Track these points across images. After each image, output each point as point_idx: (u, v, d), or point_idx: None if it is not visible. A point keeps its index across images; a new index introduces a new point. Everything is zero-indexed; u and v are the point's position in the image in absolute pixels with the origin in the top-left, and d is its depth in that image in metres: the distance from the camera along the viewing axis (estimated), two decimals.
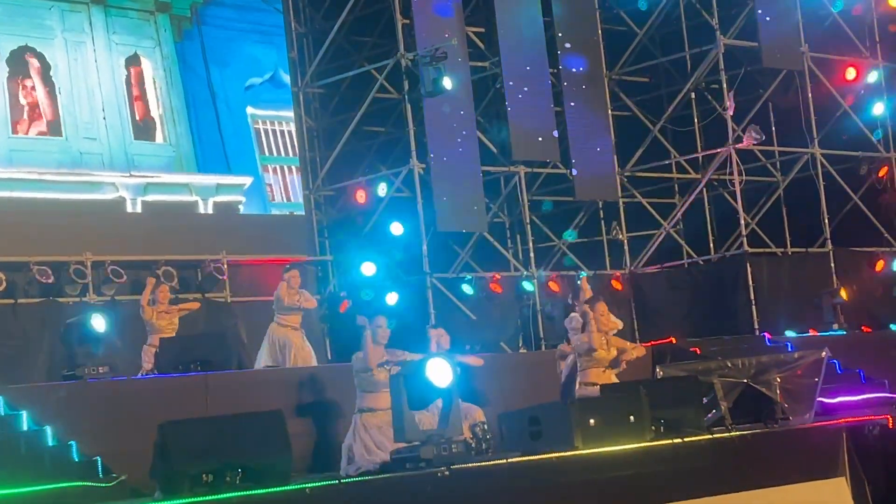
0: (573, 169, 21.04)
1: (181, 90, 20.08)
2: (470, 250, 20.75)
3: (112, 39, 19.52)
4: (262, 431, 9.58)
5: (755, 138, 20.66)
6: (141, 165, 19.32)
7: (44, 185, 18.20)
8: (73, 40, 19.10)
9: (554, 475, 10.08)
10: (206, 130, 20.22)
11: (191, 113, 20.10)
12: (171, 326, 15.88)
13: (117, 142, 19.21)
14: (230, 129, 20.53)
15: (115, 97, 19.35)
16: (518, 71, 20.54)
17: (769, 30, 21.18)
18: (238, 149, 20.51)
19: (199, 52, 20.51)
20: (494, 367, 15.40)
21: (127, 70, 19.58)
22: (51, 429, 11.88)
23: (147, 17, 20.07)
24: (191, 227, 18.94)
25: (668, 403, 11.35)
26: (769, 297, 20.71)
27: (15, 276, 17.33)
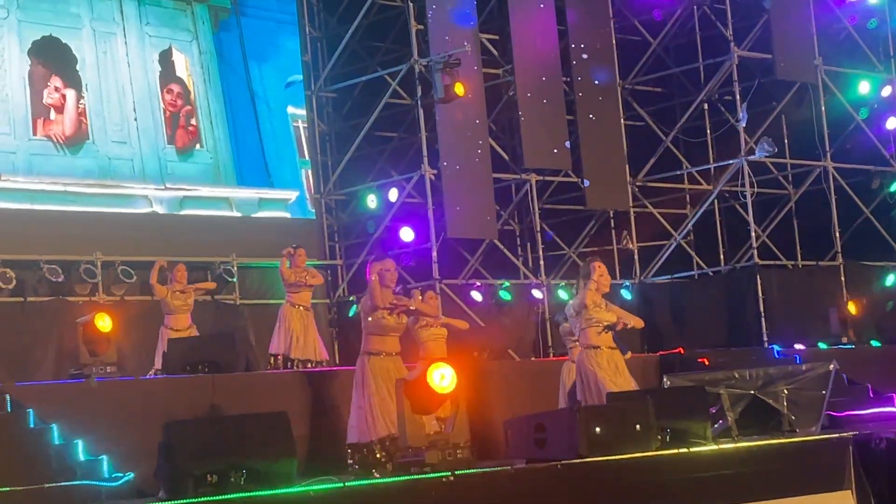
0: (585, 180, 21.03)
1: (220, 89, 19.85)
2: (480, 257, 20.75)
3: (145, 31, 19.18)
4: (267, 432, 9.57)
5: (767, 150, 20.64)
6: (175, 174, 19.00)
7: (68, 198, 18.04)
8: (102, 31, 18.71)
9: (559, 482, 10.05)
10: (245, 134, 19.91)
11: (229, 114, 19.89)
12: (185, 306, 15.94)
13: (149, 147, 18.87)
14: (270, 132, 20.35)
15: (147, 96, 19.10)
16: (531, 79, 20.56)
17: (783, 42, 21.18)
18: (279, 154, 20.39)
19: (237, 46, 20.20)
20: (502, 374, 15.41)
21: (161, 65, 19.30)
22: (57, 427, 11.87)
23: (183, 6, 19.63)
24: (201, 229, 18.94)
25: (674, 413, 11.32)
26: (779, 310, 20.70)
27: (25, 274, 17.39)
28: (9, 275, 17.16)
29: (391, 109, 20.89)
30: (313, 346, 16.09)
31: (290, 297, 16.30)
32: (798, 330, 20.18)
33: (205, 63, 19.74)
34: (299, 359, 15.87)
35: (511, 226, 22.38)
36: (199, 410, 12.71)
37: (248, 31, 20.26)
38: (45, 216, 17.88)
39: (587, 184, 21.03)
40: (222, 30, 19.99)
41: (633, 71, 22.57)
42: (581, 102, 21.31)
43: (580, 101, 21.30)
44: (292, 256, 16.36)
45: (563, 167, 21.08)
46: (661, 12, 22.39)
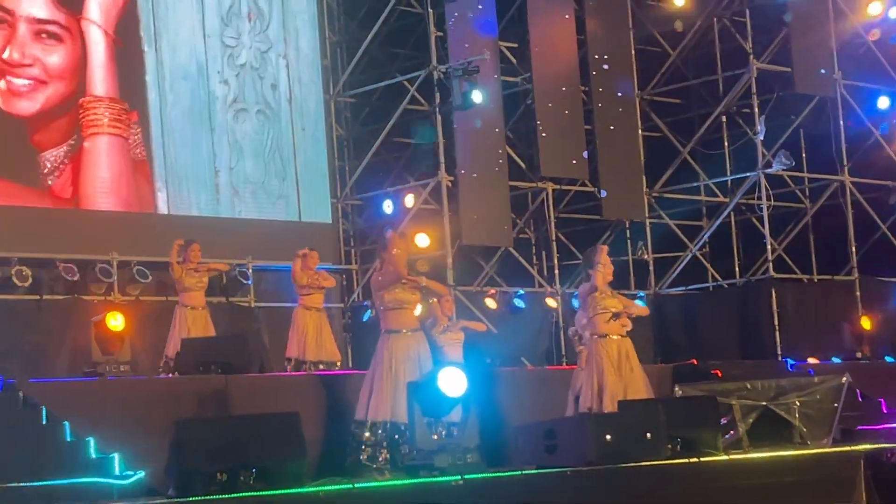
0: (602, 191, 21.03)
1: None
2: (495, 265, 20.76)
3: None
4: (278, 432, 9.60)
5: (785, 164, 20.63)
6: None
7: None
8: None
9: (568, 489, 10.06)
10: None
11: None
12: (200, 284, 15.92)
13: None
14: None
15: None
16: (550, 88, 20.58)
17: (803, 56, 21.16)
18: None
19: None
20: (514, 381, 15.40)
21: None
22: (69, 424, 11.89)
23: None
24: (217, 230, 18.98)
25: (685, 422, 11.33)
26: (793, 324, 20.70)
27: (41, 272, 17.43)
28: (25, 273, 17.20)
29: (409, 115, 20.93)
30: (327, 347, 16.13)
31: (302, 299, 16.33)
32: (812, 344, 20.15)
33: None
34: (312, 361, 15.89)
35: (526, 234, 22.40)
36: (210, 411, 12.72)
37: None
38: (62, 215, 17.95)
39: (604, 194, 21.04)
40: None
41: (651, 82, 22.58)
42: (599, 112, 21.32)
43: (598, 110, 21.31)
44: (305, 258, 16.39)
45: (580, 177, 21.10)
46: (681, 23, 22.35)
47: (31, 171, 17.85)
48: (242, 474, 9.28)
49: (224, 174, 19.68)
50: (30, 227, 17.59)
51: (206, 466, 9.26)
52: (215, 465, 9.26)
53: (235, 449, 9.37)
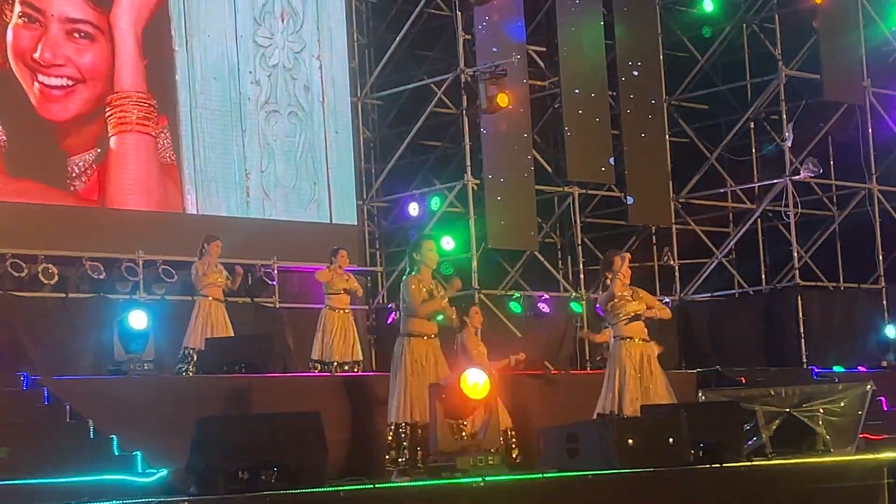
0: (629, 197, 21.00)
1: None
2: (520, 269, 20.75)
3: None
4: (300, 432, 9.61)
5: (812, 171, 20.56)
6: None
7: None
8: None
9: (589, 493, 10.05)
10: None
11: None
12: (220, 279, 15.97)
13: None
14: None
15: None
16: (577, 92, 20.56)
17: (832, 63, 21.07)
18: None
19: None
20: (537, 385, 15.40)
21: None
22: (93, 422, 11.94)
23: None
24: (243, 231, 19.02)
25: (708, 428, 11.28)
26: (819, 332, 20.62)
27: (67, 270, 17.52)
28: (51, 271, 17.29)
29: (436, 118, 20.94)
30: (352, 348, 16.16)
31: (329, 300, 16.38)
32: (838, 352, 20.05)
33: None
34: (338, 362, 15.92)
35: (552, 238, 22.38)
36: (233, 410, 12.77)
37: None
38: (89, 214, 18.03)
39: (631, 200, 21.00)
40: None
41: (679, 87, 22.53)
42: (627, 117, 21.28)
43: (626, 115, 21.27)
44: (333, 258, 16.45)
45: (607, 181, 21.08)
46: (710, 29, 22.31)
47: (59, 174, 17.93)
48: (264, 473, 9.29)
49: (255, 177, 19.72)
50: (56, 225, 17.66)
51: (227, 465, 9.27)
52: (237, 463, 9.27)
53: (257, 448, 9.38)
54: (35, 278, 17.20)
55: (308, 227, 20.18)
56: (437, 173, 21.45)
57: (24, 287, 17.20)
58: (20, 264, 17.16)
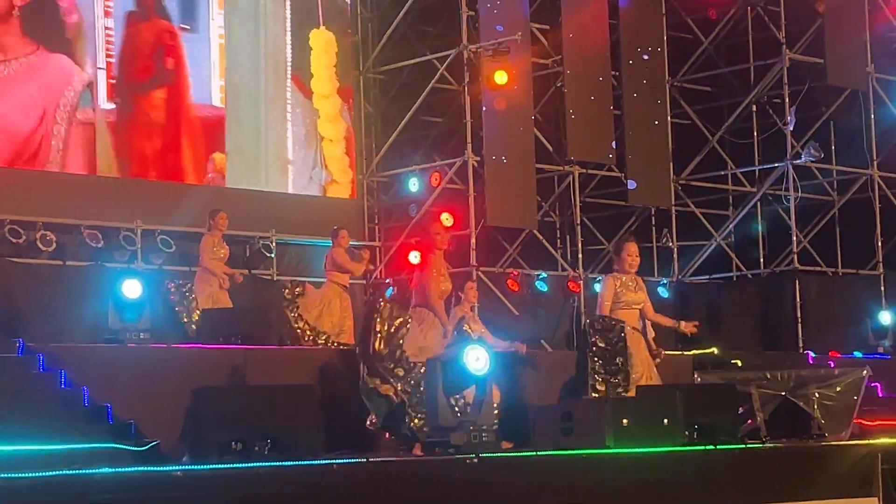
0: (631, 181, 20.94)
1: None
2: (518, 247, 20.72)
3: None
4: (295, 404, 9.62)
5: (814, 155, 20.53)
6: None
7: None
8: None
9: (582, 472, 10.04)
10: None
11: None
12: (222, 251, 15.93)
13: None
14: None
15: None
16: (580, 71, 20.51)
17: (836, 47, 21.03)
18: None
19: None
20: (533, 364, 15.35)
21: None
22: (87, 390, 11.91)
23: None
24: (242, 203, 18.99)
25: (703, 410, 11.28)
26: (816, 317, 20.59)
27: (65, 237, 17.50)
28: (49, 237, 17.27)
29: (438, 94, 20.87)
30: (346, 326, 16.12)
31: (331, 275, 16.35)
32: (834, 338, 20.02)
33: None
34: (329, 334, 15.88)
35: (551, 217, 22.34)
36: (228, 381, 12.72)
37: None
38: (88, 182, 17.99)
39: (633, 185, 20.94)
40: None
41: (682, 69, 22.47)
42: (629, 97, 21.23)
43: (628, 96, 21.21)
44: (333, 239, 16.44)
45: (607, 161, 21.04)
46: (717, 11, 22.23)
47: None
48: (257, 444, 9.29)
49: (256, 147, 19.69)
50: (54, 192, 17.62)
51: (221, 435, 9.27)
52: (231, 434, 9.28)
53: (251, 419, 9.39)
54: (33, 245, 17.19)
55: (307, 200, 20.15)
56: (438, 149, 21.39)
57: (22, 253, 17.18)
58: (18, 230, 17.14)
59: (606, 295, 12.19)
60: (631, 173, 21.09)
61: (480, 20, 19.64)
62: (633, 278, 12.36)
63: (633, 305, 12.25)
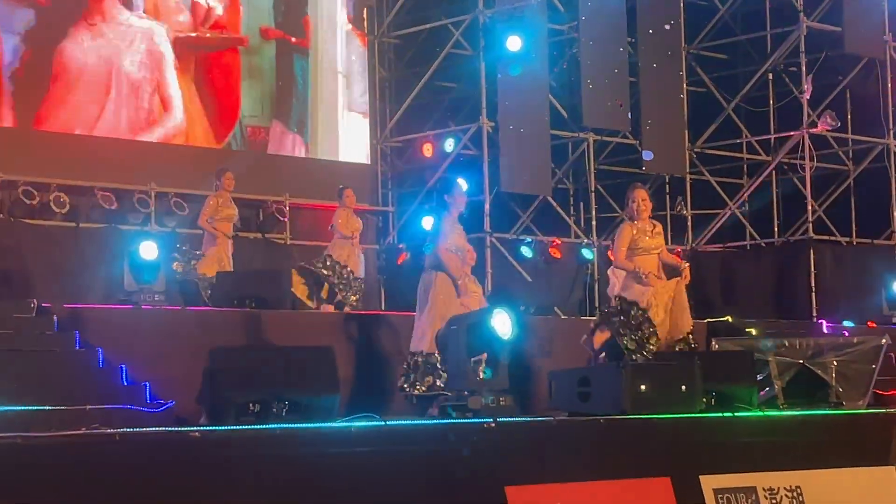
0: (647, 152, 20.81)
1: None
2: (532, 213, 20.65)
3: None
4: (312, 366, 9.55)
5: (830, 124, 20.42)
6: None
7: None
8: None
9: (600, 437, 9.98)
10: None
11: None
12: (233, 214, 15.89)
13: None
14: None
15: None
16: (595, 37, 20.38)
17: (853, 15, 20.87)
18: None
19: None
20: (546, 331, 15.34)
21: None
22: (102, 351, 11.90)
23: None
24: (256, 167, 18.94)
25: (721, 377, 11.22)
26: (830, 286, 20.53)
27: (79, 200, 17.50)
28: (63, 199, 17.25)
29: (453, 60, 20.79)
30: None
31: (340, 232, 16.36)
32: (848, 307, 19.96)
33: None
34: None
35: (565, 184, 22.27)
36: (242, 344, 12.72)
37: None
38: (102, 144, 17.94)
39: (649, 156, 20.81)
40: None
41: (698, 36, 22.33)
42: (645, 65, 21.10)
43: (644, 63, 21.09)
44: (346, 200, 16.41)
45: (622, 128, 20.93)
46: None
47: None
48: (275, 406, 9.24)
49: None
50: (69, 154, 17.58)
51: (239, 396, 9.23)
52: (248, 395, 9.23)
53: (269, 380, 9.34)
54: (46, 206, 17.16)
55: (321, 164, 20.10)
56: (453, 115, 21.30)
57: (36, 215, 17.17)
58: (32, 192, 17.11)
59: (622, 241, 12.01)
60: (646, 141, 20.98)
61: None
62: (649, 224, 12.16)
63: (651, 251, 12.06)
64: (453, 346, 10.22)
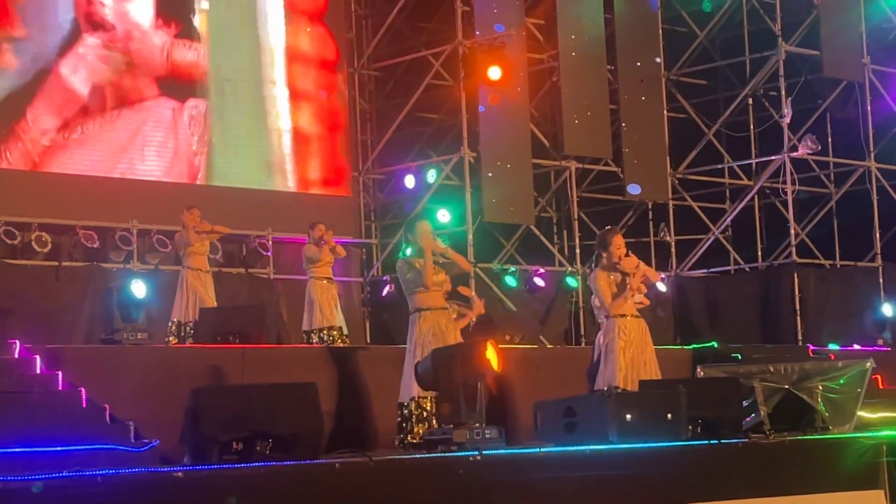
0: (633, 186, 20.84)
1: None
2: (515, 242, 20.65)
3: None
4: (296, 403, 9.50)
5: (811, 148, 20.46)
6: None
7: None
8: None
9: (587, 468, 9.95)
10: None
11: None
12: (203, 248, 15.77)
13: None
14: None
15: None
16: (575, 66, 20.42)
17: (831, 39, 20.97)
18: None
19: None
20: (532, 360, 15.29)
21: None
22: (85, 391, 11.82)
23: None
24: (237, 202, 18.90)
25: (706, 404, 11.16)
26: (815, 309, 20.55)
27: (61, 238, 17.44)
28: (44, 238, 17.19)
29: (433, 90, 20.81)
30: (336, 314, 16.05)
31: (311, 271, 16.24)
32: (833, 330, 19.99)
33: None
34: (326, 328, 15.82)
35: (548, 213, 22.28)
36: (226, 381, 12.64)
37: None
38: (84, 182, 17.90)
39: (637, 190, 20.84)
40: None
41: (678, 62, 22.40)
42: (625, 92, 21.16)
43: (624, 90, 21.16)
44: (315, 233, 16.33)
45: (604, 156, 20.96)
46: (711, 4, 22.15)
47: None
48: (258, 444, 9.18)
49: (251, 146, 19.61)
50: (50, 192, 17.53)
51: (222, 435, 9.17)
52: (231, 433, 9.17)
53: (252, 418, 9.28)
54: (28, 246, 17.09)
55: (303, 197, 20.06)
56: (434, 146, 21.33)
57: (18, 255, 17.09)
58: (13, 231, 17.05)
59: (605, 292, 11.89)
60: (627, 167, 21.01)
61: (475, 15, 19.57)
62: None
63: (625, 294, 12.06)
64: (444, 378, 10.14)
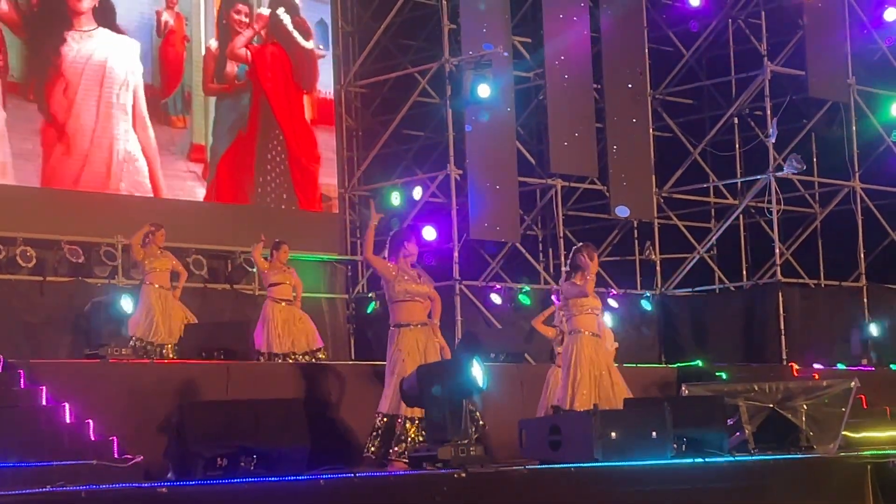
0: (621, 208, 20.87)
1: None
2: (501, 260, 20.65)
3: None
4: (281, 419, 9.51)
5: (796, 167, 20.51)
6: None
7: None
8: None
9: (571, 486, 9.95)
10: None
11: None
12: (164, 268, 15.65)
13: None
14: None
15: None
16: (562, 84, 20.46)
17: (817, 60, 21.04)
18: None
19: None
20: (518, 378, 15.31)
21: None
22: (69, 406, 11.80)
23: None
24: (222, 217, 18.88)
25: (691, 422, 11.21)
26: (799, 329, 20.58)
27: (45, 253, 17.37)
28: (29, 253, 17.13)
29: (420, 108, 20.83)
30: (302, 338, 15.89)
31: (271, 291, 16.12)
32: (818, 350, 20.02)
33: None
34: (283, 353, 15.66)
35: (534, 231, 22.28)
36: (211, 396, 12.63)
37: None
38: (68, 197, 17.86)
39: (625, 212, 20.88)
40: None
41: (664, 81, 22.45)
42: (610, 110, 21.21)
43: (610, 108, 21.20)
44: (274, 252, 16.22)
45: (590, 174, 20.98)
46: (698, 24, 22.22)
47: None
48: (243, 460, 9.18)
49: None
50: (34, 208, 17.49)
51: (206, 451, 9.16)
52: (216, 449, 9.16)
53: (237, 434, 9.27)
54: (13, 261, 17.03)
55: (289, 214, 20.04)
56: (420, 163, 21.33)
57: (2, 269, 17.04)
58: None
59: None
60: (613, 186, 21.04)
61: (462, 33, 19.58)
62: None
63: (595, 311, 12.18)
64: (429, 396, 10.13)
